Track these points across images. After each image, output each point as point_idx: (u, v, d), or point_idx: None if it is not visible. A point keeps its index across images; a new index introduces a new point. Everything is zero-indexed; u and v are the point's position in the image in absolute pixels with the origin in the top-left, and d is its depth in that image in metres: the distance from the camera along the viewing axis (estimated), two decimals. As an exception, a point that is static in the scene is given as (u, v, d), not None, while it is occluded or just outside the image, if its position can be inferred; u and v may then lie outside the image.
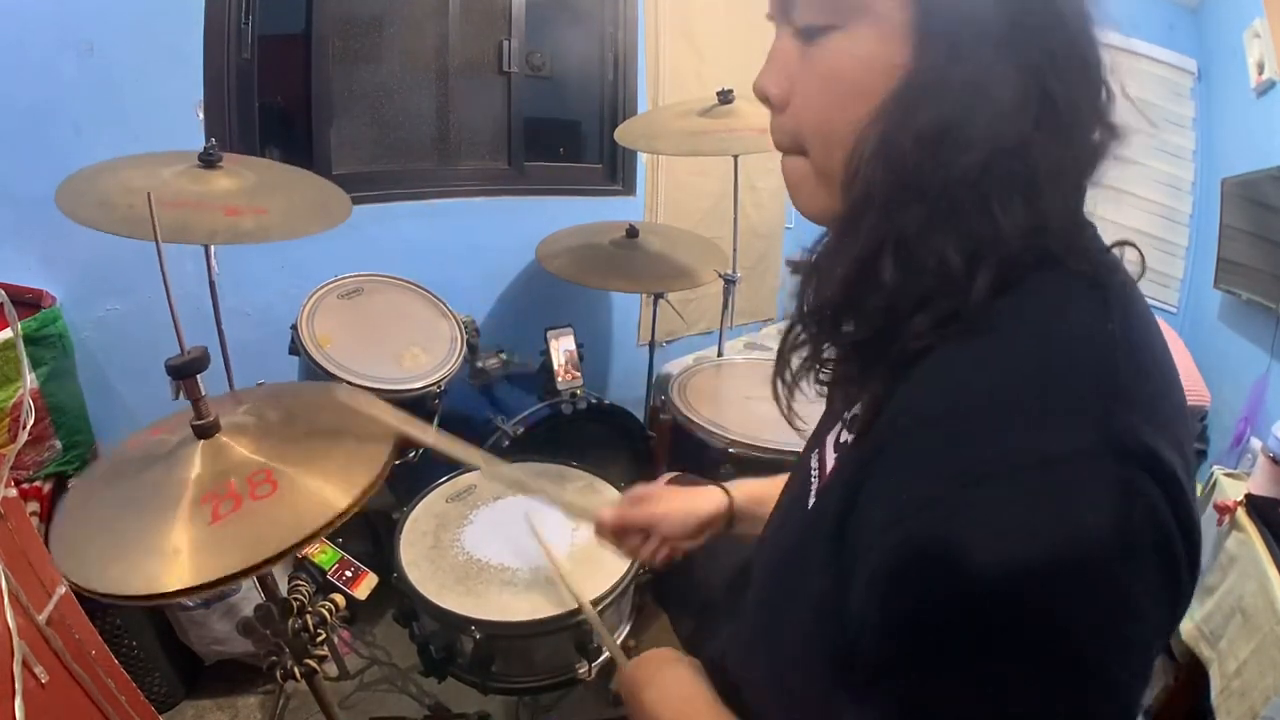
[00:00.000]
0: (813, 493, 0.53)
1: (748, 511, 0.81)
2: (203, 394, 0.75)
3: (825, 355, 0.51)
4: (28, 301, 1.38)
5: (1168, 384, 0.40)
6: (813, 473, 0.55)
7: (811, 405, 0.58)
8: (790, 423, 0.56)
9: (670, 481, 0.91)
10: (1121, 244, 0.44)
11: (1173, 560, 0.34)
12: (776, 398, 0.54)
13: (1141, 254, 0.44)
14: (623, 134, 1.83)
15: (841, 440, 0.52)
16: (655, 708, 0.62)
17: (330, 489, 0.72)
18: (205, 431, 0.75)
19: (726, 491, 0.82)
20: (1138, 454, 0.34)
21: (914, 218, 0.40)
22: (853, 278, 0.43)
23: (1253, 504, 1.31)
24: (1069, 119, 0.40)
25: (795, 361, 0.52)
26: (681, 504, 0.81)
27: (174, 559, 0.65)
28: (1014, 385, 0.37)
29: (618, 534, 0.84)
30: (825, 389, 0.55)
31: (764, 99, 0.48)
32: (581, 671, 1.07)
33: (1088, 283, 0.40)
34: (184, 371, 0.72)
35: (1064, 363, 0.37)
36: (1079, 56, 0.40)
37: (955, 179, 0.39)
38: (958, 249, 0.40)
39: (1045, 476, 0.33)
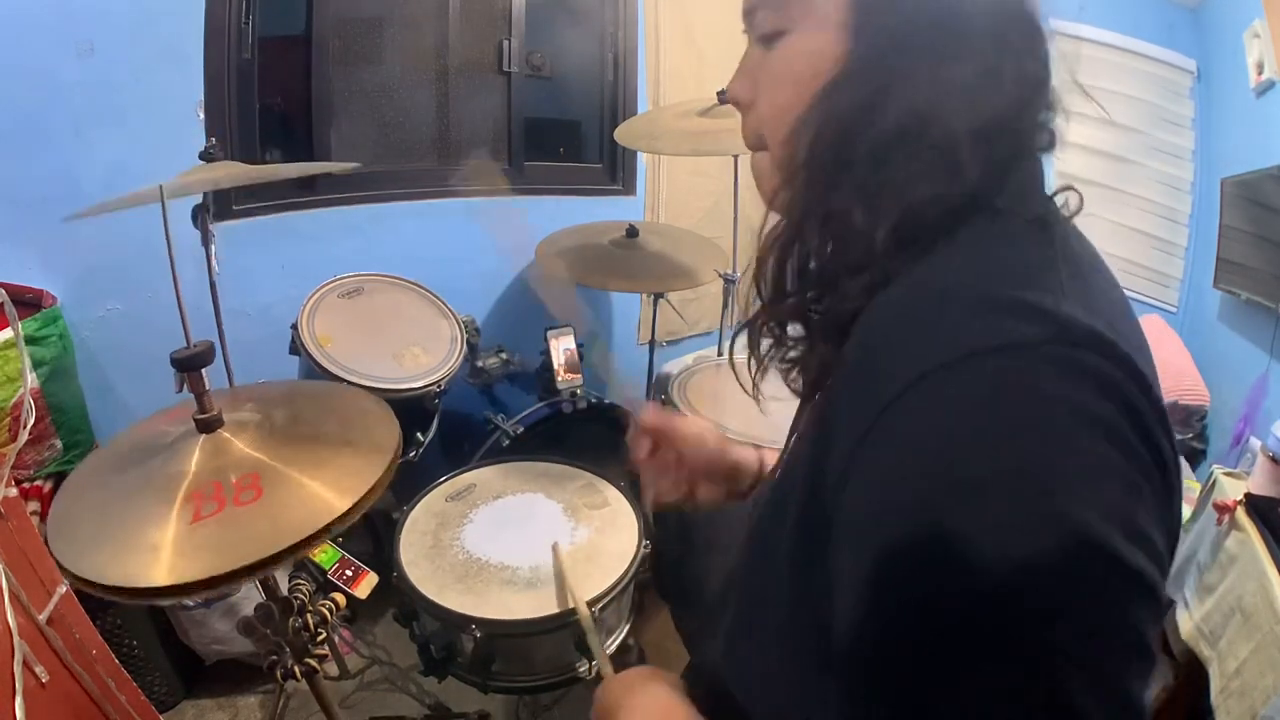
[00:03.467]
0: (782, 464, 0.55)
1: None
2: (206, 388, 0.75)
3: (786, 333, 0.53)
4: (28, 301, 1.38)
5: (1118, 307, 0.41)
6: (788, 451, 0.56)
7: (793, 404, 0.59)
8: (756, 400, 0.57)
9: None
10: (1064, 189, 0.46)
11: (1147, 433, 0.33)
12: (740, 368, 0.56)
13: (1080, 195, 0.46)
14: (623, 134, 1.83)
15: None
16: None
17: (334, 492, 0.72)
18: (208, 426, 0.75)
19: (759, 455, 0.80)
20: (1093, 341, 0.34)
21: (835, 188, 0.44)
22: (789, 253, 0.47)
23: (1252, 504, 1.31)
24: (977, 82, 0.42)
25: (764, 344, 0.54)
26: (718, 441, 0.79)
27: (171, 556, 0.64)
28: (959, 296, 0.37)
29: (654, 439, 0.77)
30: (798, 376, 0.56)
31: (734, 103, 0.53)
32: (582, 671, 1.07)
33: (1030, 222, 0.42)
34: (189, 364, 0.72)
35: (1007, 271, 0.39)
36: (989, 39, 0.43)
37: (867, 149, 0.43)
38: (879, 216, 0.42)
39: (1000, 362, 0.33)
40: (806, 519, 0.42)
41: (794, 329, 0.52)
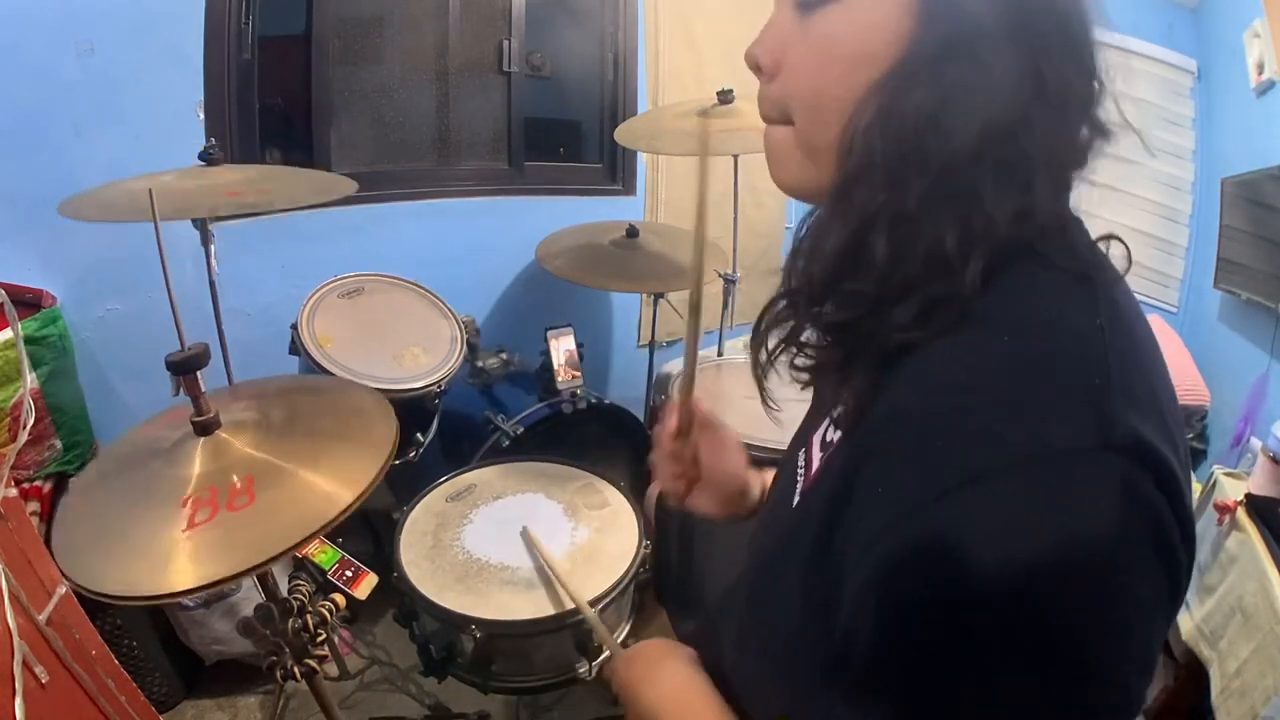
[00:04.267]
0: (797, 492, 0.52)
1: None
2: (203, 390, 0.75)
3: (804, 338, 0.49)
4: (28, 301, 1.38)
5: (1158, 379, 0.39)
6: (799, 471, 0.55)
7: (800, 401, 0.58)
8: (765, 403, 0.55)
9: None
10: (1107, 238, 0.44)
11: (1171, 554, 0.34)
12: (756, 377, 0.52)
13: (1128, 248, 0.44)
14: (623, 134, 1.83)
15: (827, 439, 0.51)
16: (655, 707, 0.62)
17: (332, 486, 0.72)
18: (205, 428, 0.75)
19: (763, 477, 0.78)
20: (1135, 449, 0.34)
21: (913, 193, 0.40)
22: (843, 253, 0.42)
23: (1253, 504, 1.31)
24: (1061, 105, 0.39)
25: (772, 340, 0.50)
26: (739, 459, 0.76)
27: (176, 559, 0.65)
28: (1006, 382, 0.37)
29: (687, 425, 0.72)
30: (809, 382, 0.53)
31: (754, 67, 0.48)
32: (581, 671, 1.07)
33: (1074, 278, 0.40)
34: (184, 367, 0.72)
35: (1055, 359, 0.37)
36: (1074, 43, 0.40)
37: (954, 156, 0.39)
38: (953, 232, 0.39)
39: (1043, 474, 0.33)
40: (819, 551, 0.42)
41: (811, 334, 0.48)
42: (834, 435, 0.50)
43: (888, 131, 0.40)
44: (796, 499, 0.52)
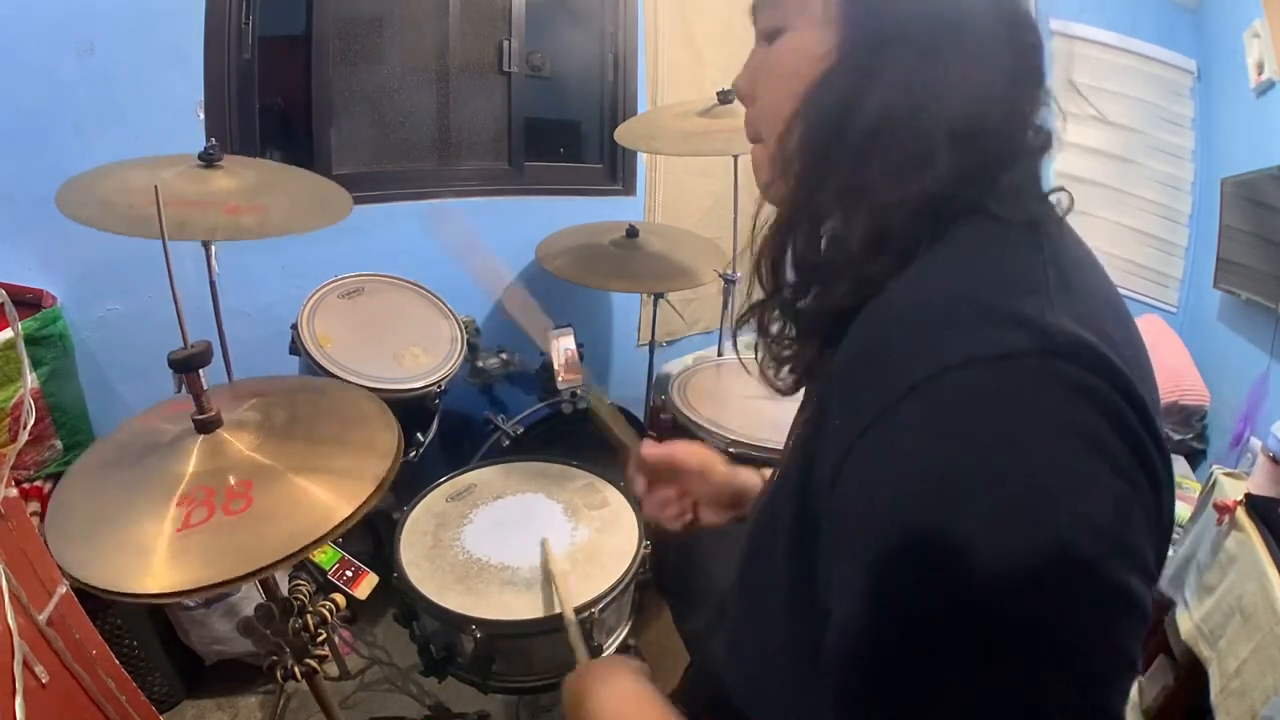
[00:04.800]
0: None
1: None
2: (205, 388, 0.75)
3: (779, 331, 0.54)
4: (28, 301, 1.38)
5: (1109, 308, 0.41)
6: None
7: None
8: (768, 382, 0.57)
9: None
10: (1056, 190, 0.46)
11: (1136, 442, 0.33)
12: (762, 375, 0.57)
13: (1070, 195, 0.47)
14: (623, 134, 1.83)
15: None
16: (593, 715, 0.62)
17: (330, 497, 0.72)
18: (206, 426, 0.75)
19: (762, 476, 0.80)
20: (1078, 355, 0.33)
21: (821, 187, 0.46)
22: (780, 243, 0.49)
23: (1252, 504, 1.31)
24: (960, 81, 0.42)
25: (769, 329, 0.55)
26: (723, 468, 0.79)
27: (169, 559, 0.64)
28: (945, 308, 0.38)
29: (653, 473, 0.79)
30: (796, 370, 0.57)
31: (739, 96, 0.55)
32: (582, 671, 1.07)
33: (1017, 226, 0.42)
34: (187, 365, 0.72)
35: (995, 286, 0.38)
36: (976, 39, 0.43)
37: (848, 147, 0.44)
38: (853, 218, 0.44)
39: (982, 375, 0.33)
40: (799, 525, 0.43)
41: (787, 326, 0.53)
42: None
43: (801, 134, 0.46)
44: (775, 476, 0.53)
